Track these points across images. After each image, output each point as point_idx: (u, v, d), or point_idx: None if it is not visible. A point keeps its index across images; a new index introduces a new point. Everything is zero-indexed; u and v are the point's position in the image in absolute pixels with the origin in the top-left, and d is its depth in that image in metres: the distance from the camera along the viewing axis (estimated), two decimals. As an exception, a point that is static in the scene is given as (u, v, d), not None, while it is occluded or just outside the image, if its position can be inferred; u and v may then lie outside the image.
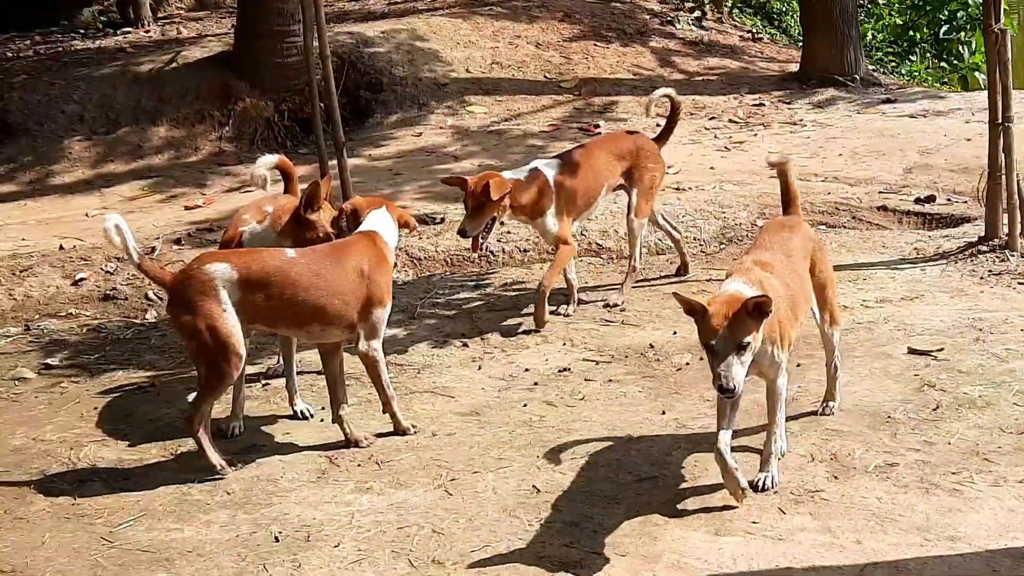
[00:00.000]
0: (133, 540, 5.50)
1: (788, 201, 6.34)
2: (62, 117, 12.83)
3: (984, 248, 8.68)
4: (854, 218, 9.94)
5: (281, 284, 6.03)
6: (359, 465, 6.15)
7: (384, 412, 6.51)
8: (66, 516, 5.76)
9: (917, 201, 10.16)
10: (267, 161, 7.22)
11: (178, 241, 9.72)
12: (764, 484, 5.59)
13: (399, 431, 6.47)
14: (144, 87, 13.31)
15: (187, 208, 11.03)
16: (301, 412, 6.77)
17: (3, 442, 6.60)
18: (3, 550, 5.44)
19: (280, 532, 5.51)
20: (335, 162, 9.31)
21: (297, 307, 6.08)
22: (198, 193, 11.54)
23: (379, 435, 6.42)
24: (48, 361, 7.76)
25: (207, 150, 12.93)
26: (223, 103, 13.24)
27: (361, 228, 6.48)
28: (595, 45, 15.51)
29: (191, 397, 6.83)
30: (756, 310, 5.06)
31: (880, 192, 10.43)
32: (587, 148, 8.51)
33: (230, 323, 5.92)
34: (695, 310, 5.14)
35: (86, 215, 10.88)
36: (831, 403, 6.39)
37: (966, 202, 10.03)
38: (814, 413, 6.37)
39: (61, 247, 9.54)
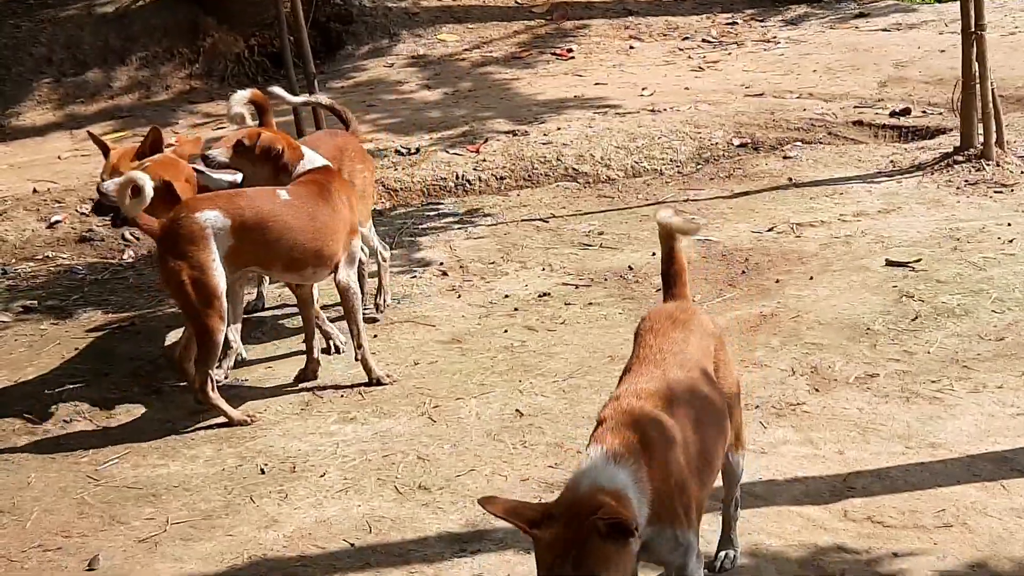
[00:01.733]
0: (119, 477, 5.53)
1: (672, 276, 4.43)
2: (29, 60, 12.66)
3: (960, 158, 8.67)
4: (829, 133, 9.91)
5: (278, 228, 5.89)
6: (342, 396, 6.16)
7: (356, 359, 6.31)
8: (51, 456, 5.77)
9: (892, 114, 10.14)
10: (241, 97, 7.15)
11: (152, 180, 9.64)
12: None
13: (371, 379, 6.24)
14: (111, 26, 13.12)
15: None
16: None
17: (-15, 385, 6.60)
18: (-10, 492, 5.47)
19: (265, 464, 5.53)
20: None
21: (295, 251, 5.96)
22: (169, 131, 11.42)
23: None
24: (27, 304, 7.72)
25: (177, 88, 12.80)
26: (192, 40, 13.08)
27: (314, 162, 6.25)
28: (565, -33, 15.35)
29: (173, 336, 6.84)
30: (613, 533, 3.24)
31: (855, 107, 10.40)
32: None
33: (217, 276, 5.74)
34: (522, 529, 3.32)
35: (58, 157, 10.79)
36: (729, 553, 4.49)
37: (941, 113, 10.01)
38: (793, 328, 6.40)
39: (35, 190, 9.46)
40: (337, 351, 6.61)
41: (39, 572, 4.79)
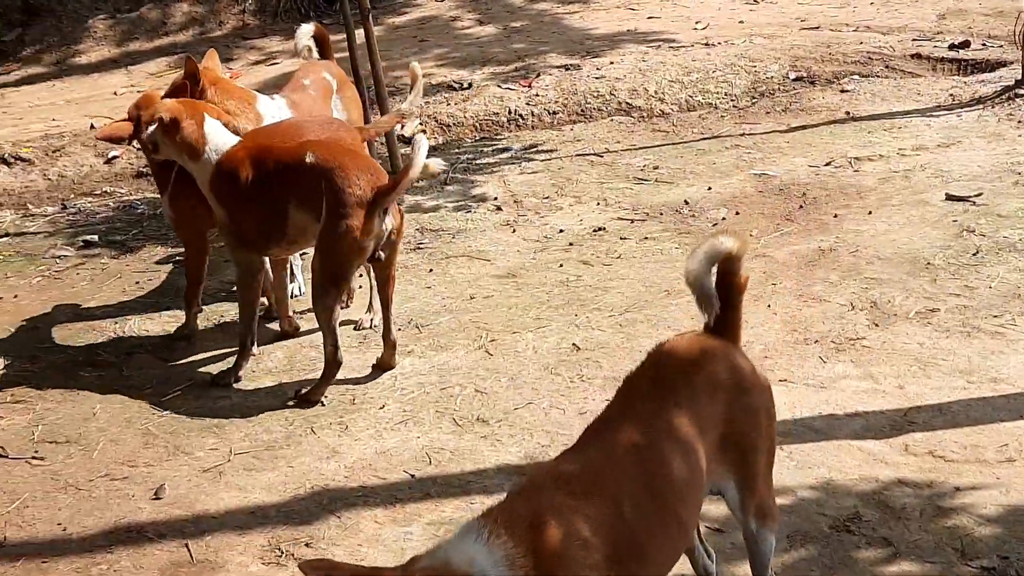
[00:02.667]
0: (182, 408, 5.59)
1: (723, 307, 3.55)
2: (86, -4, 12.75)
3: (1021, 91, 8.55)
4: (887, 67, 9.78)
5: None
6: (399, 329, 6.16)
7: None
8: (115, 387, 5.84)
9: (951, 47, 10.00)
10: (307, 31, 7.21)
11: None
12: None
13: None
14: (165, -38, 13.18)
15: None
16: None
17: (48, 318, 6.67)
18: (57, 421, 5.55)
19: (326, 396, 5.57)
20: (360, 31, 9.21)
21: None
22: (224, 67, 11.43)
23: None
24: (87, 238, 7.80)
25: (231, 24, 12.83)
26: (245, -24, 13.12)
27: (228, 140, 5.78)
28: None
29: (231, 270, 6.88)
30: None
31: (913, 39, 10.26)
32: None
33: None
34: None
35: (114, 93, 10.85)
36: None
37: (1001, 46, 9.86)
38: (852, 263, 6.35)
39: (92, 126, 9.52)
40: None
41: (107, 500, 4.86)
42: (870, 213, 6.96)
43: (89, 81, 11.49)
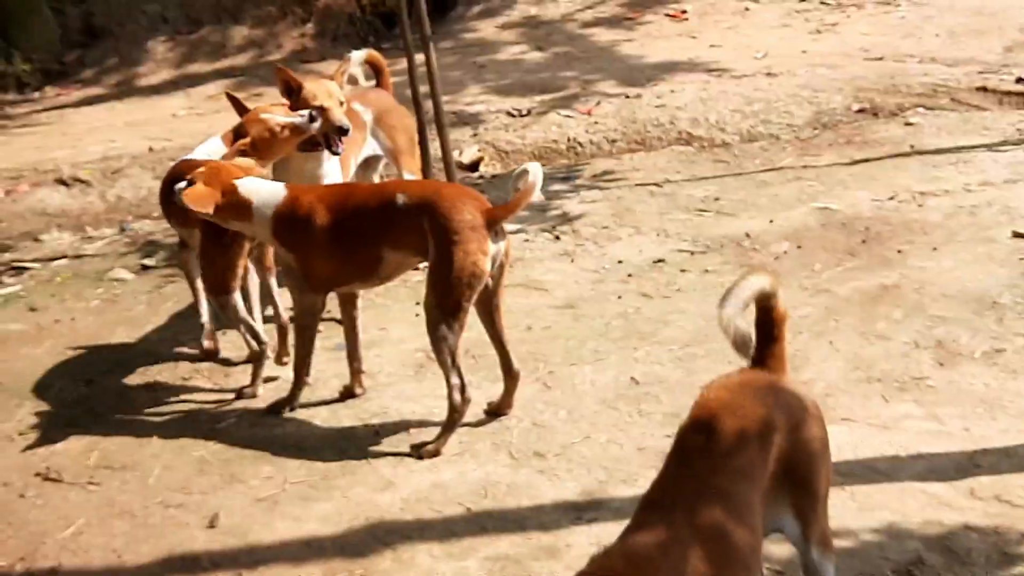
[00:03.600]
0: (237, 436, 5.57)
1: (767, 331, 3.61)
2: (144, 18, 12.85)
3: (1090, 127, 8.43)
4: (953, 100, 9.67)
5: None
6: (456, 359, 6.14)
7: None
8: (170, 413, 5.85)
9: (1018, 80, 9.87)
10: (358, 57, 7.17)
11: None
12: None
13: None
14: (224, -15, 13.30)
15: (273, 106, 10.98)
16: None
17: (105, 342, 6.70)
18: (111, 448, 5.54)
19: (380, 426, 5.54)
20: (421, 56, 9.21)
21: None
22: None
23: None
24: (144, 262, 7.83)
25: (289, 47, 12.91)
26: (305, -1, 13.21)
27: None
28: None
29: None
30: None
31: (979, 72, 10.13)
32: None
33: None
34: None
35: (173, 115, 10.93)
36: None
37: (1070, 80, 9.73)
38: (916, 300, 6.25)
39: (150, 148, 9.58)
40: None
41: (162, 528, 4.85)
42: (935, 249, 6.86)
43: (148, 103, 11.59)
